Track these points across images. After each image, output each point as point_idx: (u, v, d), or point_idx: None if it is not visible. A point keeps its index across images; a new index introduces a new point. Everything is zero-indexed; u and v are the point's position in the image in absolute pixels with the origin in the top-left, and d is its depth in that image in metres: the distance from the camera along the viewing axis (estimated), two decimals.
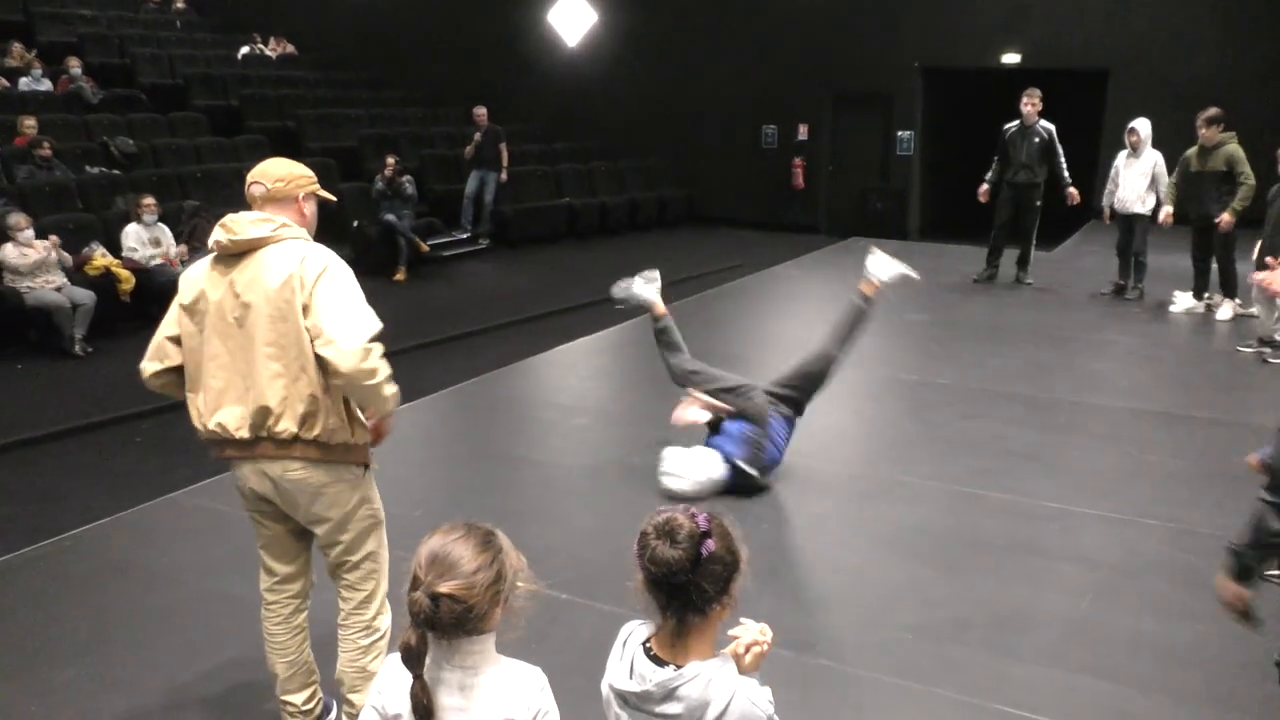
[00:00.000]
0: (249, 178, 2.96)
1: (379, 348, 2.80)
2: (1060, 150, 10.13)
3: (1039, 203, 10.32)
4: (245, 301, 2.80)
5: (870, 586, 4.39)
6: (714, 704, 1.88)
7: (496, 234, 14.17)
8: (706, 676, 1.89)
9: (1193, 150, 9.03)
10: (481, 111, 14.10)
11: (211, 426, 2.89)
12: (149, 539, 4.75)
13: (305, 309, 2.76)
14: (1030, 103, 10.10)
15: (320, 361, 2.76)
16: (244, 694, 3.55)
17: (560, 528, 4.92)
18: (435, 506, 5.17)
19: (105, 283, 9.11)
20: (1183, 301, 9.42)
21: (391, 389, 2.86)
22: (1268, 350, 7.80)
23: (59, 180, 10.67)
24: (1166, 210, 9.20)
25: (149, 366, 2.99)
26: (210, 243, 2.89)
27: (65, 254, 8.98)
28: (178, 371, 2.96)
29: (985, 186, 10.50)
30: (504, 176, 14.13)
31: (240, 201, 3.04)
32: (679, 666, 1.91)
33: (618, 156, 17.09)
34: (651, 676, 1.92)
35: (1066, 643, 3.91)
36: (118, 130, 12.54)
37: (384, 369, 2.81)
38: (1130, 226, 9.72)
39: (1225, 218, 8.67)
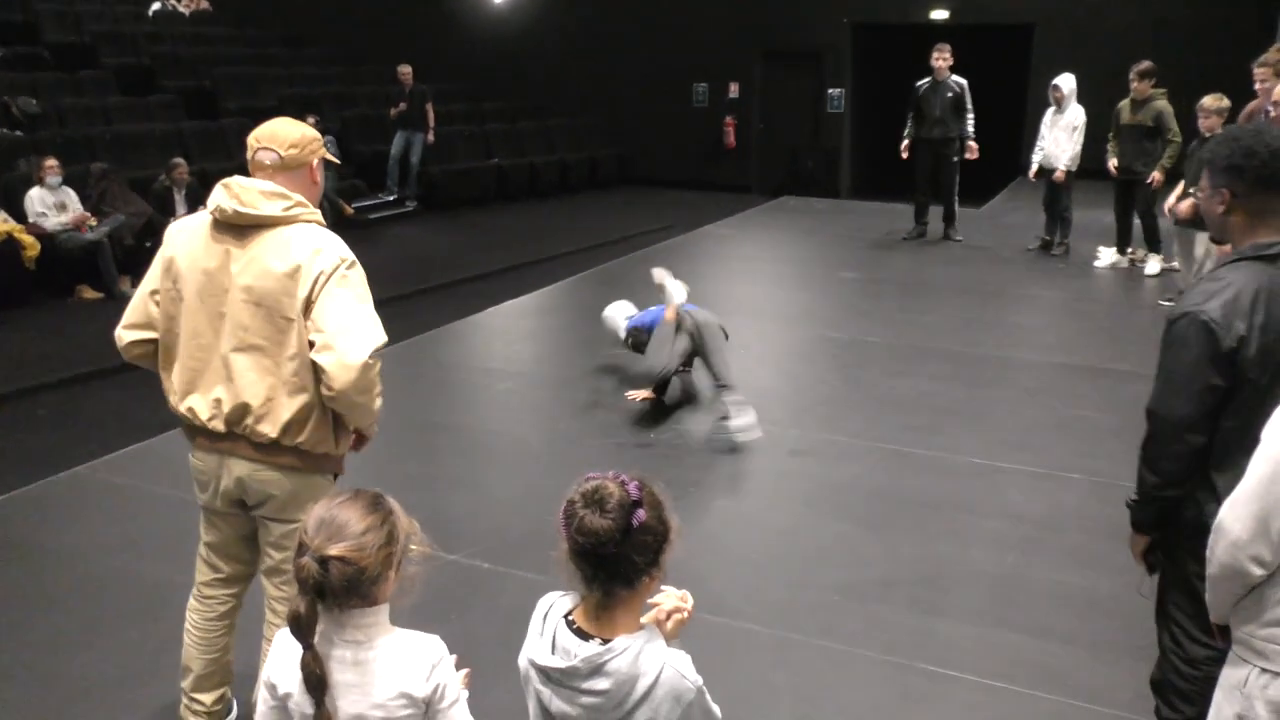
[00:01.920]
0: (254, 141, 2.66)
1: (379, 363, 2.57)
2: (970, 105, 10.11)
3: (956, 158, 10.32)
4: (243, 285, 2.54)
5: (799, 547, 4.35)
6: (643, 678, 1.79)
7: (423, 196, 13.89)
8: (635, 650, 1.80)
9: (1125, 102, 9.04)
10: (406, 70, 13.74)
11: (183, 409, 2.67)
12: (48, 517, 4.53)
13: (309, 306, 2.51)
14: (940, 57, 10.07)
15: (314, 367, 2.54)
16: (142, 681, 3.38)
17: (482, 495, 4.80)
18: (353, 476, 4.96)
19: (8, 249, 8.71)
20: (1107, 257, 9.54)
21: (379, 403, 2.66)
22: None
23: None
24: (1111, 162, 9.18)
25: (127, 335, 2.72)
26: (211, 206, 2.61)
27: None
28: (154, 342, 2.70)
29: (906, 143, 10.48)
30: (430, 137, 13.84)
31: (151, 163, 2.78)
32: (605, 640, 1.82)
33: (547, 116, 16.81)
34: (577, 651, 1.82)
35: (990, 599, 3.92)
36: (20, 90, 11.93)
37: (379, 387, 2.61)
38: (1055, 183, 9.78)
39: (1156, 176, 8.70)
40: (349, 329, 2.51)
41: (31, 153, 10.19)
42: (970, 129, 10.13)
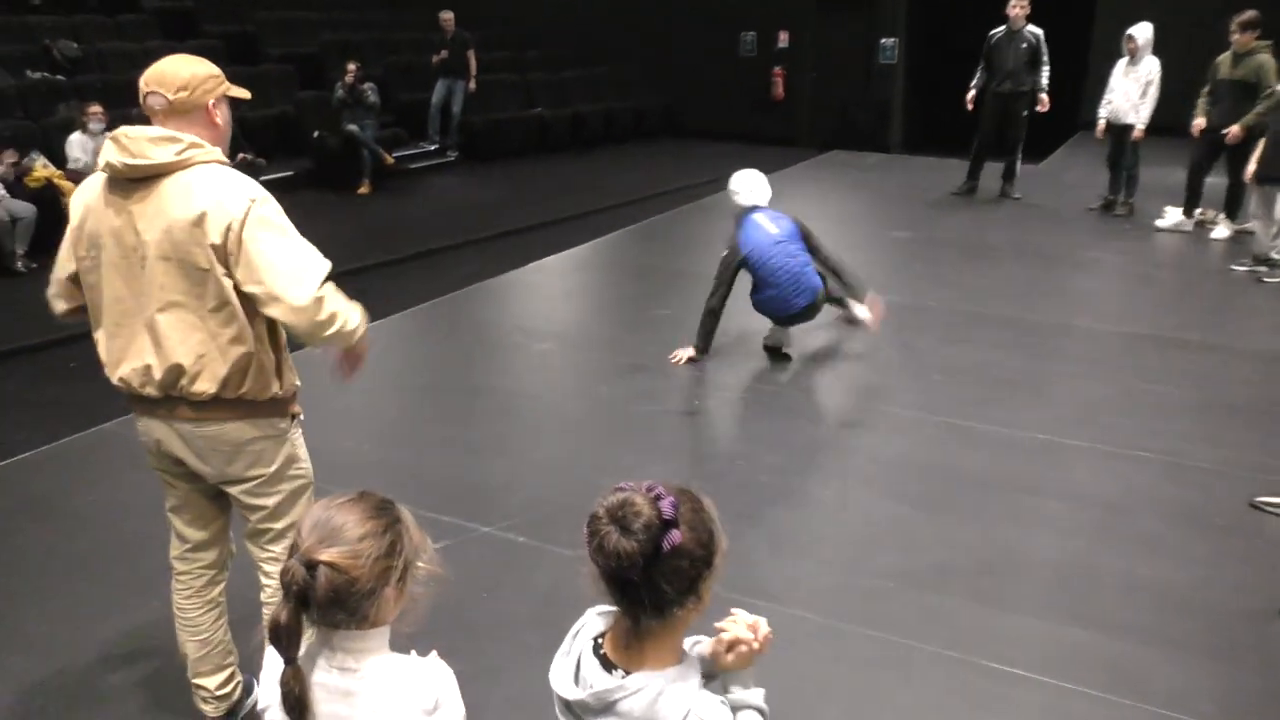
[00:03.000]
0: (144, 84, 2.45)
1: (331, 288, 2.39)
2: (1046, 57, 9.65)
3: (1026, 113, 9.88)
4: (150, 241, 2.35)
5: (849, 528, 4.12)
6: None
7: (465, 146, 13.62)
8: (655, 689, 1.55)
9: (1225, 55, 8.46)
10: (448, 16, 13.41)
11: (115, 381, 2.50)
12: (73, 476, 4.40)
13: (230, 257, 2.33)
14: (1018, 5, 9.60)
15: (269, 320, 2.40)
16: (169, 651, 3.23)
17: (517, 463, 4.60)
18: (385, 440, 4.87)
19: (48, 195, 8.58)
20: (1171, 217, 9.10)
21: (355, 320, 2.47)
22: (1263, 269, 7.51)
23: None
24: (1197, 121, 8.66)
25: (58, 304, 2.59)
26: (100, 162, 2.42)
27: (5, 164, 8.47)
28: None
29: (972, 94, 10.04)
30: (472, 86, 13.52)
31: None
32: (629, 672, 1.58)
33: (592, 64, 16.42)
34: (593, 683, 1.58)
35: (1057, 589, 3.66)
36: (61, 32, 11.82)
37: (342, 309, 2.42)
38: (1123, 138, 9.31)
39: (1234, 129, 8.14)
40: (285, 272, 2.34)
41: (72, 97, 10.06)
42: (1045, 81, 9.67)
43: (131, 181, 2.38)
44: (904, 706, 3.09)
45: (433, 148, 13.45)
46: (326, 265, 2.41)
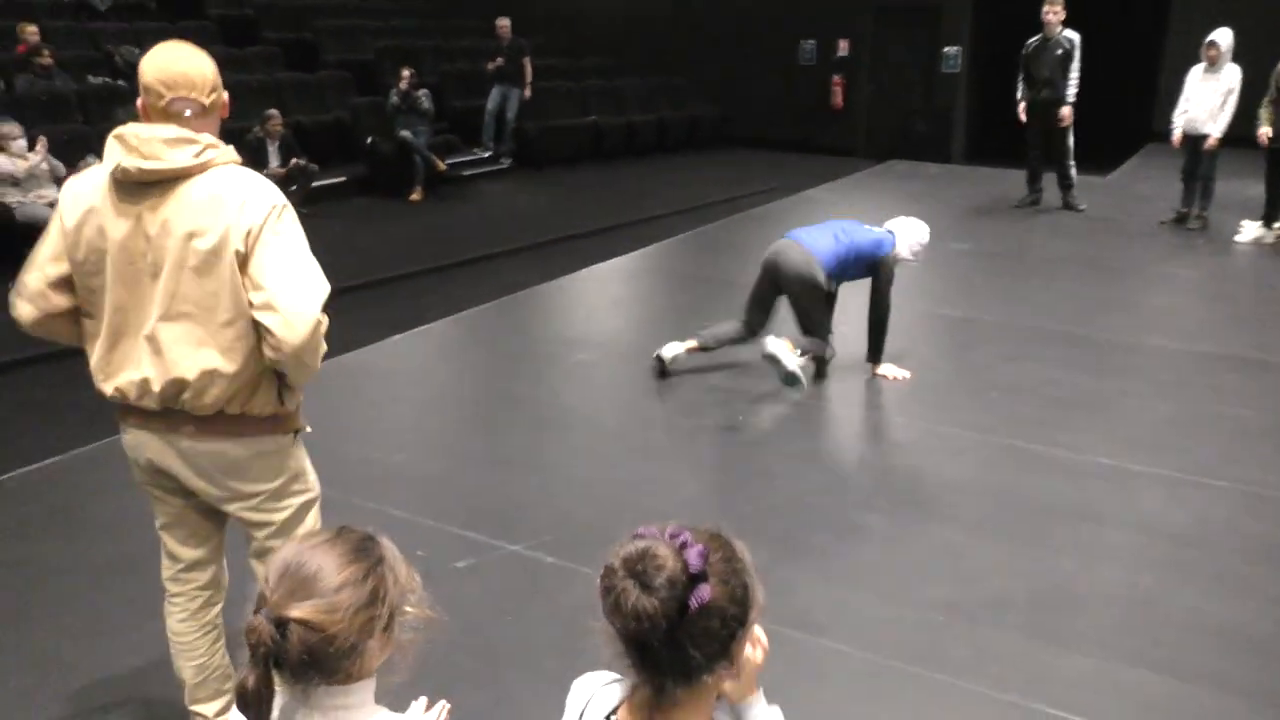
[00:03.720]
0: (163, 86, 2.22)
1: (326, 320, 2.26)
2: (1077, 63, 9.28)
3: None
4: (161, 246, 2.21)
5: (898, 556, 3.87)
6: None
7: (518, 153, 13.55)
8: None
9: None
10: (504, 23, 13.39)
11: (110, 391, 2.35)
12: (95, 484, 4.30)
13: (243, 263, 2.19)
14: (1051, 10, 9.28)
15: (255, 327, 2.24)
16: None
17: (550, 477, 4.43)
18: (415, 450, 4.73)
19: None
20: (1250, 231, 8.68)
21: (320, 362, 2.33)
22: None
23: (58, 90, 10.19)
24: (1263, 130, 8.28)
25: (27, 311, 2.34)
26: (108, 165, 2.24)
27: (57, 161, 8.54)
28: (68, 315, 2.36)
29: (1022, 105, 9.69)
30: (527, 93, 13.46)
31: (246, 114, 2.41)
32: None
33: (647, 73, 16.30)
34: None
35: (1122, 628, 3.39)
36: (124, 39, 11.99)
37: (324, 345, 2.29)
38: (1198, 149, 8.91)
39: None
40: (291, 284, 2.20)
41: (131, 102, 10.15)
42: (1070, 91, 9.31)
43: (142, 185, 2.22)
44: None
45: (486, 155, 13.39)
46: (328, 288, 2.27)
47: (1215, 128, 8.65)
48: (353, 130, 12.14)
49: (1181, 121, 8.94)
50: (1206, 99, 8.73)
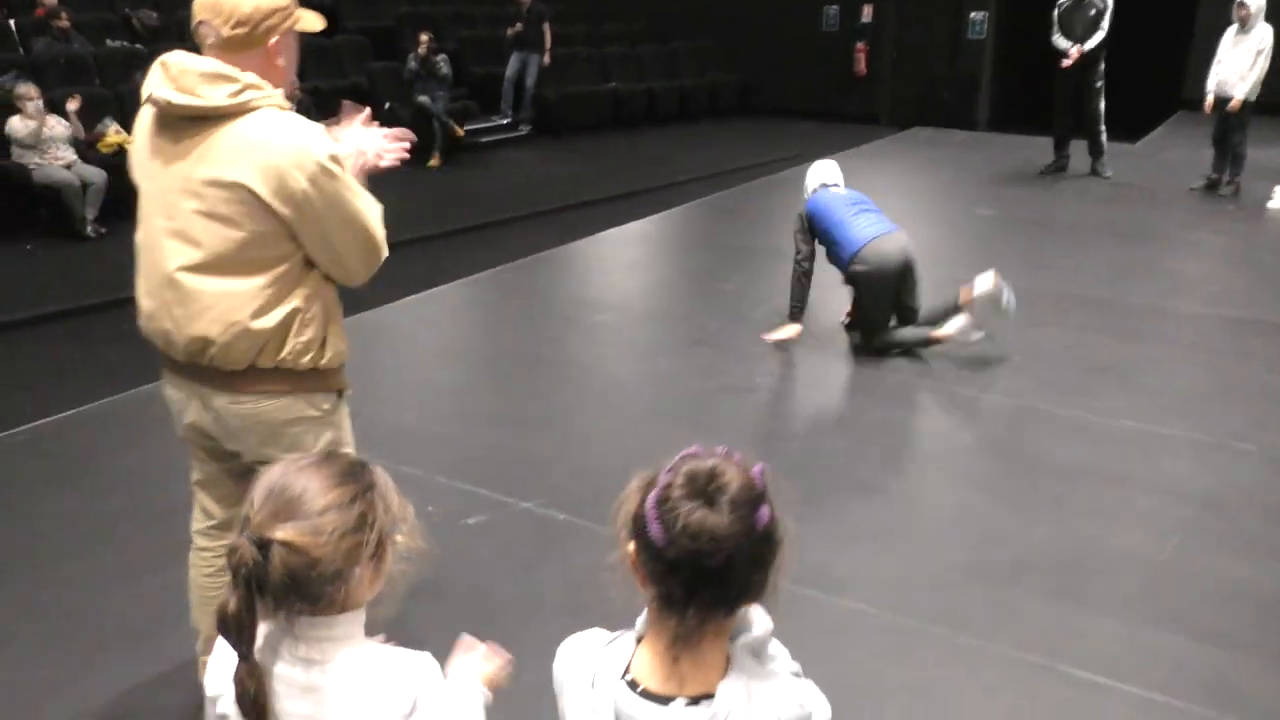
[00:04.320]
0: (196, 9, 2.10)
1: (386, 249, 2.25)
2: (1106, 24, 9.05)
3: (1099, 83, 9.31)
4: (194, 190, 2.08)
5: (919, 517, 3.81)
6: None
7: (538, 120, 13.45)
8: (741, 694, 1.27)
9: None
10: None
11: (147, 331, 2.28)
12: (110, 438, 4.29)
13: (294, 218, 2.08)
14: None
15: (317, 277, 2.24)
16: (179, 623, 3.09)
17: (563, 436, 4.38)
18: (429, 410, 4.69)
19: (118, 161, 8.57)
20: None
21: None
22: None
23: (76, 53, 10.15)
24: None
25: None
26: (145, 93, 2.12)
27: (79, 123, 8.53)
28: None
29: (1074, 49, 9.22)
30: (547, 59, 13.33)
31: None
32: (693, 699, 1.27)
33: (667, 39, 16.12)
34: None
35: (1146, 591, 3.32)
36: (142, 3, 11.93)
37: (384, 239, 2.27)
38: (1229, 114, 8.71)
39: None
40: (358, 246, 2.18)
41: (149, 65, 10.12)
42: (1091, 44, 9.07)
43: (180, 120, 2.09)
44: (969, 712, 2.79)
45: (505, 121, 13.30)
46: (381, 222, 2.22)
47: (1242, 87, 8.45)
48: (370, 95, 12.07)
49: (1213, 85, 8.74)
50: (1237, 61, 8.53)
